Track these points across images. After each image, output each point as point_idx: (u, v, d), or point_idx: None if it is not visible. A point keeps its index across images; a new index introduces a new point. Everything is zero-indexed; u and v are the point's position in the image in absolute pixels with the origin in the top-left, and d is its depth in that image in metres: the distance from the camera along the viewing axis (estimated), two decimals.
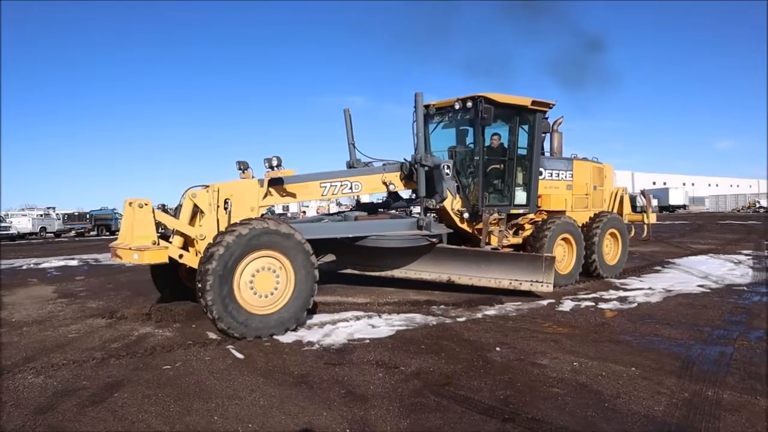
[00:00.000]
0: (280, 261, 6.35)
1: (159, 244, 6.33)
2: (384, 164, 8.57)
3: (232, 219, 6.64)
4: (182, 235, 6.64)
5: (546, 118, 9.72)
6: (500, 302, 7.90)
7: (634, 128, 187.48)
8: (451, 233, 8.89)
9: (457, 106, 9.08)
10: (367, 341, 5.90)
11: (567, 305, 7.75)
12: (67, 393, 4.42)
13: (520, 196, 9.46)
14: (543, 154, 9.91)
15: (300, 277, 6.38)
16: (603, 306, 7.73)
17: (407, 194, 9.62)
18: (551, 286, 8.15)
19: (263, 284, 6.25)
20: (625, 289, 9.11)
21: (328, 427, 3.69)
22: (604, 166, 11.32)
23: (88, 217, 42.69)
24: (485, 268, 8.35)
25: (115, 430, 3.71)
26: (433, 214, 8.57)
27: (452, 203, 8.70)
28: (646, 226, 12.34)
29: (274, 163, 6.91)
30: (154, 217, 6.39)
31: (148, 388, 4.52)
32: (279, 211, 39.42)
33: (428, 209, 8.41)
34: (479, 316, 7.14)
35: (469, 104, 8.86)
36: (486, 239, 8.70)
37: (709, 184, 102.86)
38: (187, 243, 6.70)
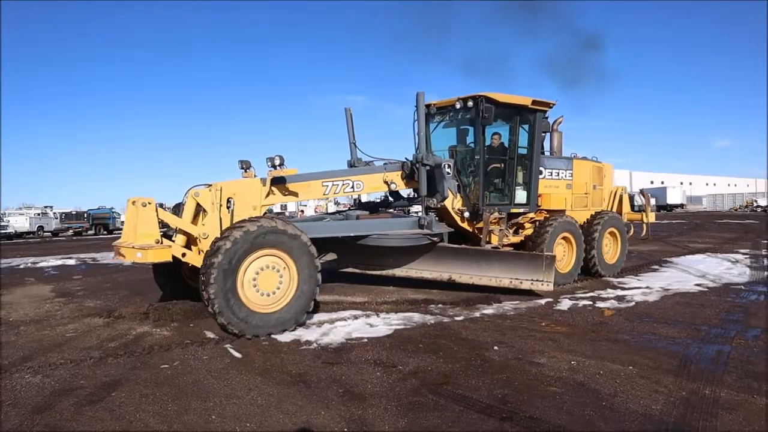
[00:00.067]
0: (284, 261, 6.36)
1: (162, 243, 6.35)
2: (385, 163, 8.58)
3: (235, 218, 6.65)
4: (185, 233, 6.65)
5: (546, 118, 9.74)
6: (498, 301, 7.91)
7: (632, 127, 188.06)
8: (451, 232, 8.90)
9: (458, 106, 9.08)
10: (365, 340, 5.90)
11: (565, 304, 7.76)
12: (65, 392, 4.41)
13: (521, 196, 9.47)
14: (543, 154, 9.92)
15: (303, 278, 6.40)
16: (601, 305, 7.74)
17: (406, 194, 9.64)
18: (551, 285, 8.17)
19: (266, 282, 6.26)
20: (623, 288, 9.13)
21: (326, 426, 3.69)
22: (604, 166, 11.33)
23: (85, 216, 42.62)
24: (486, 267, 8.36)
25: (113, 430, 3.71)
26: (434, 213, 8.59)
27: (453, 202, 8.71)
28: (645, 225, 12.36)
29: (277, 162, 6.92)
30: (157, 215, 6.40)
31: (146, 387, 4.51)
32: (277, 210, 39.38)
33: (429, 208, 8.42)
34: (477, 315, 7.14)
35: (470, 104, 8.86)
36: (486, 238, 8.71)
37: (707, 184, 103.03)
38: (190, 242, 6.71)
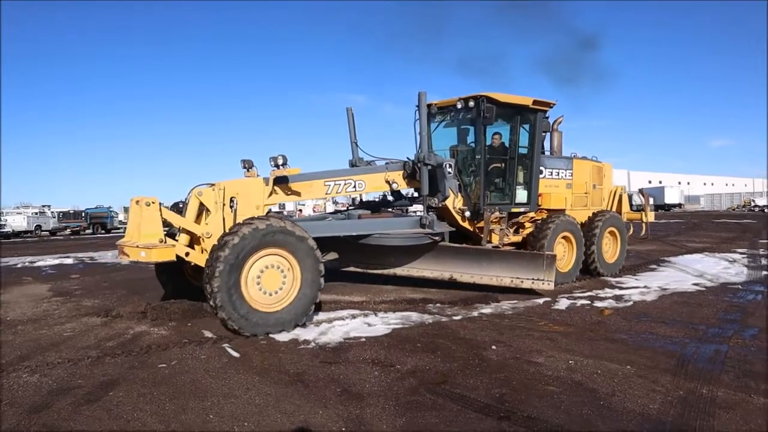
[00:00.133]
0: (289, 262, 6.39)
1: (166, 242, 6.37)
2: (387, 163, 8.59)
3: (238, 217, 6.67)
4: (188, 233, 6.67)
5: (546, 118, 9.77)
6: (496, 300, 7.91)
7: (631, 127, 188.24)
8: (452, 232, 8.92)
9: (459, 106, 9.09)
10: (363, 340, 5.90)
11: (563, 303, 7.76)
12: (62, 392, 4.41)
13: (521, 195, 9.49)
14: (543, 153, 9.94)
15: (306, 281, 6.43)
16: (599, 304, 7.75)
17: (405, 193, 9.64)
18: (552, 284, 8.19)
19: (270, 282, 6.28)
20: (621, 288, 9.14)
21: (323, 426, 3.69)
22: (603, 165, 11.37)
23: (83, 215, 42.56)
24: (487, 266, 8.38)
25: (111, 429, 3.70)
26: (435, 213, 8.60)
27: (454, 202, 8.73)
28: (644, 225, 12.40)
29: (280, 162, 6.94)
30: (161, 215, 6.42)
31: (144, 386, 4.50)
32: (275, 210, 39.33)
33: (430, 208, 8.43)
34: (475, 314, 7.15)
35: (471, 104, 8.88)
36: (487, 237, 8.73)
37: (705, 183, 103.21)
38: (193, 241, 6.72)
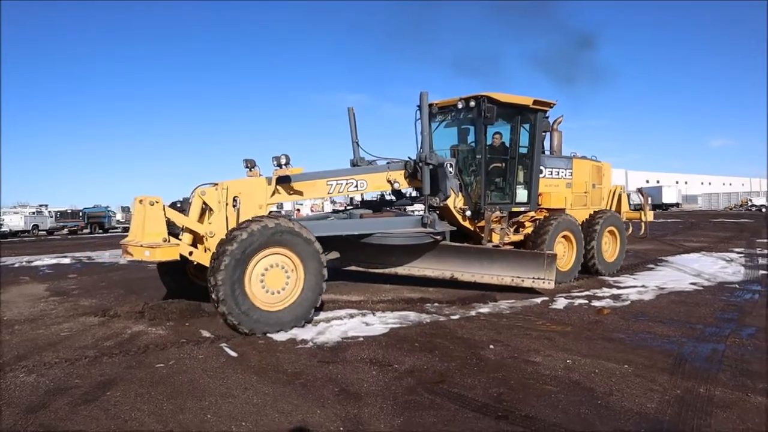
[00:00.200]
0: (294, 263, 6.42)
1: (170, 241, 6.38)
2: (388, 162, 8.59)
3: (241, 216, 6.68)
4: (191, 232, 6.67)
5: (546, 117, 9.80)
6: (494, 300, 7.92)
7: (628, 127, 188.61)
8: (453, 231, 8.94)
9: (460, 106, 9.10)
10: (361, 339, 5.90)
11: (560, 303, 7.77)
12: (59, 391, 4.40)
13: (522, 194, 9.51)
14: (543, 153, 9.97)
15: (309, 284, 6.45)
16: (596, 304, 7.76)
17: (404, 193, 9.64)
18: (553, 283, 8.23)
19: (274, 280, 6.30)
20: (619, 287, 9.15)
21: (321, 425, 3.69)
22: (603, 165, 11.41)
23: (81, 214, 42.50)
24: (488, 266, 8.39)
25: (108, 429, 3.69)
26: (436, 212, 8.61)
27: (455, 201, 8.75)
28: (643, 224, 12.44)
29: (283, 161, 6.97)
30: (164, 214, 6.43)
31: (141, 386, 4.50)
32: (272, 209, 39.25)
33: (432, 207, 8.44)
34: (473, 313, 7.15)
35: (472, 103, 8.89)
36: (488, 237, 8.75)
37: (702, 183, 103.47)
38: (196, 240, 6.73)
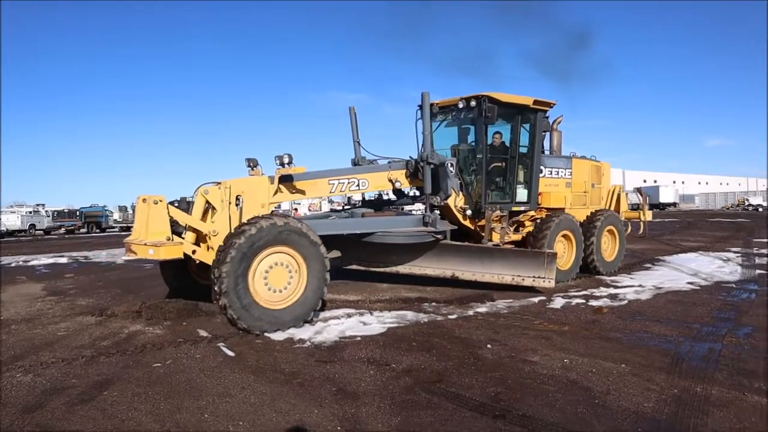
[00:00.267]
0: (298, 264, 6.44)
1: (173, 240, 6.40)
2: (389, 162, 8.59)
3: (244, 215, 6.70)
4: (194, 230, 6.69)
5: (546, 117, 9.84)
6: (491, 299, 7.92)
7: (626, 126, 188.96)
8: (453, 230, 8.96)
9: (461, 105, 9.13)
10: (359, 339, 5.90)
11: (558, 303, 7.78)
12: (56, 391, 4.39)
13: (522, 194, 9.53)
14: (543, 153, 9.99)
15: (311, 285, 6.47)
16: (594, 303, 7.77)
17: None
18: (553, 282, 8.26)
19: (277, 279, 6.32)
20: (616, 287, 9.16)
21: (319, 425, 3.69)
22: (602, 164, 11.45)
23: (78, 214, 42.37)
24: (488, 264, 8.41)
25: (105, 429, 3.69)
26: (437, 211, 8.62)
27: (456, 200, 8.78)
28: (642, 224, 12.48)
29: (286, 161, 6.99)
30: (168, 213, 6.45)
31: (138, 386, 4.49)
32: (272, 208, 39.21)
33: (433, 206, 8.46)
34: (470, 313, 7.15)
35: (473, 103, 8.91)
36: (488, 236, 8.78)
37: (699, 182, 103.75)
38: (199, 239, 6.74)
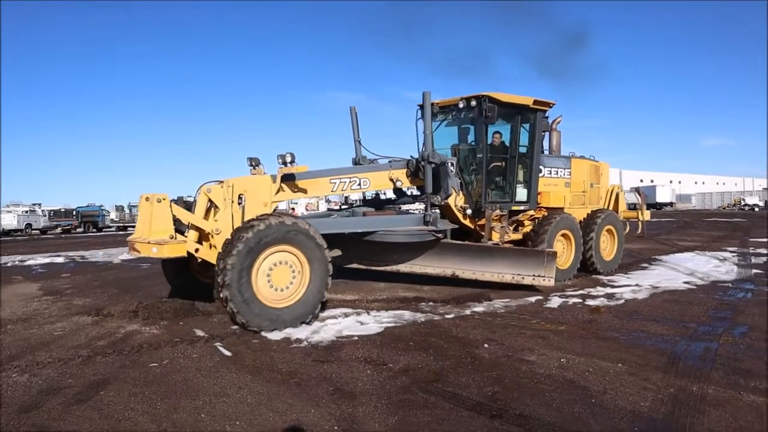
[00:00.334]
0: (302, 264, 6.46)
1: (176, 238, 6.40)
2: (390, 161, 8.60)
3: (246, 214, 6.72)
4: (197, 229, 6.69)
5: (546, 117, 9.87)
6: (488, 299, 7.93)
7: (623, 126, 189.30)
8: (453, 229, 8.99)
9: (461, 105, 9.16)
10: (356, 338, 5.90)
11: (555, 302, 7.79)
12: (53, 391, 4.37)
13: (521, 193, 9.56)
14: (543, 152, 10.01)
15: (313, 287, 6.49)
16: (590, 303, 7.79)
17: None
18: (553, 280, 8.29)
19: (280, 277, 6.34)
20: (613, 286, 9.18)
21: (316, 425, 3.69)
22: (601, 164, 11.49)
23: (74, 213, 42.24)
24: (489, 263, 8.44)
25: (101, 429, 3.68)
26: (437, 210, 8.64)
27: (456, 200, 8.79)
28: (640, 223, 12.52)
29: (288, 160, 7.01)
30: (171, 211, 6.45)
31: (135, 386, 4.48)
32: None
33: (433, 205, 8.47)
34: (467, 312, 7.16)
35: (473, 103, 8.94)
36: (488, 235, 8.80)
37: (696, 182, 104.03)
38: (201, 237, 6.74)
